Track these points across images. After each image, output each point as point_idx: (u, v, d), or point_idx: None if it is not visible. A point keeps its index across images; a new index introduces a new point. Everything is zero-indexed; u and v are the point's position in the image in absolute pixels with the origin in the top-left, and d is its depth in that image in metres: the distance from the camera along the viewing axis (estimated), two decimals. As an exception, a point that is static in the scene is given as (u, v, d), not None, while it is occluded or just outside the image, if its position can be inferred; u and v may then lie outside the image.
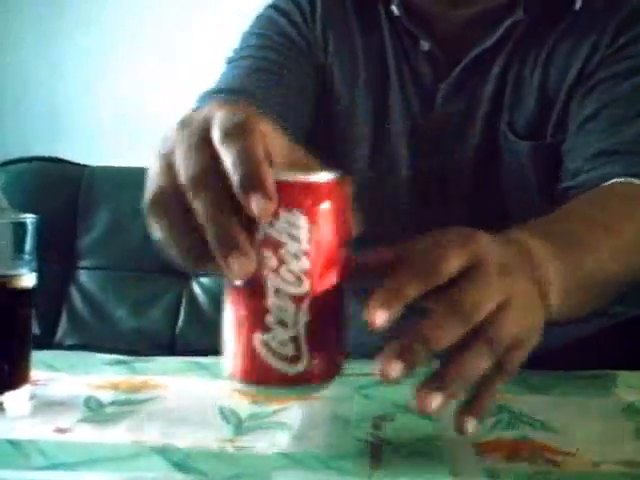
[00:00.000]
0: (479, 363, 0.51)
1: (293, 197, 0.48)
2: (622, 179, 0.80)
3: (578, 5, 0.90)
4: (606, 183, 0.81)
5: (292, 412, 0.63)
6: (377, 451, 0.54)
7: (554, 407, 0.66)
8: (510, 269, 0.54)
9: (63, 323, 1.62)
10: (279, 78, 0.92)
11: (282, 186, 0.47)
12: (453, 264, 0.51)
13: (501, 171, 0.92)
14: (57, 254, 1.63)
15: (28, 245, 0.65)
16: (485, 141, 0.93)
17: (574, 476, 0.52)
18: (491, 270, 0.52)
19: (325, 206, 0.49)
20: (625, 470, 0.53)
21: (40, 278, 0.66)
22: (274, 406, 0.65)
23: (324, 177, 0.50)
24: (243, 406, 0.64)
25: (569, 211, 0.75)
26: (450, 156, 0.94)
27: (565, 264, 0.62)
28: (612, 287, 0.74)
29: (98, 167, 1.74)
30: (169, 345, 1.59)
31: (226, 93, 0.86)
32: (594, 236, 0.70)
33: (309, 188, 0.49)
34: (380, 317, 0.49)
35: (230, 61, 0.95)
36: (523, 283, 0.55)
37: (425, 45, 0.93)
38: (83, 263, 1.67)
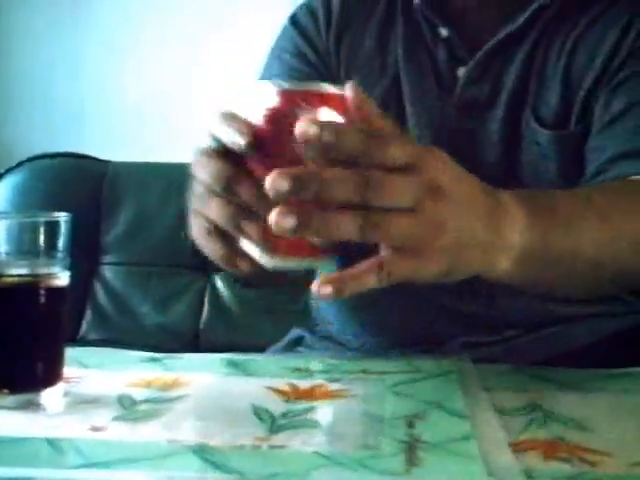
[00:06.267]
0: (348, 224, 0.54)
1: (326, 101, 0.57)
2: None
3: None
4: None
5: (324, 410, 0.63)
6: (412, 450, 0.54)
7: (587, 405, 0.66)
8: (447, 196, 0.56)
9: (87, 318, 1.63)
10: None
11: (314, 93, 0.57)
12: (396, 155, 0.54)
13: (522, 161, 0.91)
14: (81, 250, 1.64)
15: (61, 244, 0.65)
16: (507, 128, 0.91)
17: (611, 477, 0.51)
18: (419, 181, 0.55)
19: (344, 111, 0.58)
20: (663, 471, 0.52)
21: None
22: (306, 404, 0.65)
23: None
24: (276, 404, 0.65)
25: (566, 192, 0.75)
26: (470, 144, 0.93)
27: (534, 232, 0.63)
28: (589, 274, 0.72)
29: (122, 163, 1.75)
30: (193, 340, 1.60)
31: None
32: (580, 219, 0.69)
33: (334, 96, 0.58)
34: (309, 131, 0.53)
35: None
36: (459, 214, 0.57)
37: (444, 31, 0.93)
38: (107, 259, 1.68)
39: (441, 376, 0.73)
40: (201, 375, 0.73)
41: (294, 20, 1.02)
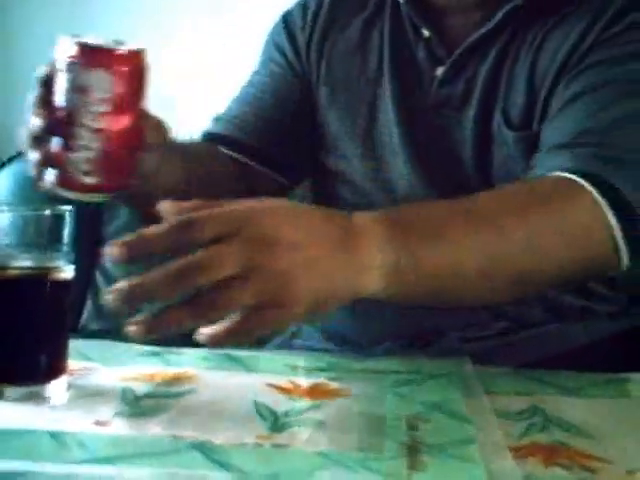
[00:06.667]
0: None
1: (103, 59, 0.70)
2: (561, 173, 0.76)
3: None
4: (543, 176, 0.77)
5: (326, 409, 0.64)
6: (414, 454, 0.55)
7: (587, 410, 0.66)
8: (274, 244, 0.57)
9: (88, 308, 1.63)
10: (271, 106, 1.03)
11: (97, 50, 0.70)
12: (206, 233, 0.57)
13: (493, 162, 0.91)
14: (83, 239, 1.63)
15: (66, 236, 0.65)
16: (479, 128, 0.92)
17: (610, 484, 0.52)
18: (235, 241, 0.56)
19: (126, 69, 0.71)
20: (663, 480, 0.52)
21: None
22: (307, 402, 0.65)
23: (128, 49, 0.71)
24: (278, 402, 0.65)
25: (446, 202, 0.72)
26: (446, 142, 0.93)
27: (397, 247, 0.63)
28: (482, 283, 0.70)
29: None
30: (193, 332, 1.59)
31: (222, 121, 1.03)
32: (460, 229, 0.68)
33: (117, 55, 0.71)
34: (118, 251, 0.61)
35: (247, 81, 1.07)
36: (295, 257, 0.58)
37: (425, 32, 0.95)
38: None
39: (442, 377, 0.73)
40: (202, 370, 0.73)
41: (285, 18, 1.06)
